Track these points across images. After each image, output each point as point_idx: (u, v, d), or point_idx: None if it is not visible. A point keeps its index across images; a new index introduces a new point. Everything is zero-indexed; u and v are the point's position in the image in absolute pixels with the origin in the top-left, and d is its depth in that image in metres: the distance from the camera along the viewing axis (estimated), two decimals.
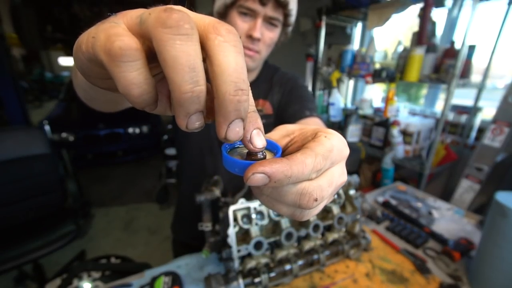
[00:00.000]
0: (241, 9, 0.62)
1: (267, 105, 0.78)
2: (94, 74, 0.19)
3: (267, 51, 0.69)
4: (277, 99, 0.79)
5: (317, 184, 0.20)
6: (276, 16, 0.62)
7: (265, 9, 0.60)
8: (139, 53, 0.15)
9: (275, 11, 0.61)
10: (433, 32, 1.30)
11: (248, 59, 0.66)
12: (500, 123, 1.22)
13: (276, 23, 0.64)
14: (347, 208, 0.75)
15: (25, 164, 1.63)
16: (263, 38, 0.64)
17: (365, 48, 1.81)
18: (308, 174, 0.19)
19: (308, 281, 0.65)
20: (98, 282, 0.80)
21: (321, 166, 0.20)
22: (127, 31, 0.16)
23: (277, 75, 0.81)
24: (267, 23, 0.64)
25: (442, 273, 0.69)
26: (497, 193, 0.60)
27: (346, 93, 2.38)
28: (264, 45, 0.66)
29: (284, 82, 0.79)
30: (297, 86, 0.79)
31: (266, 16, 0.62)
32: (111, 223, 2.63)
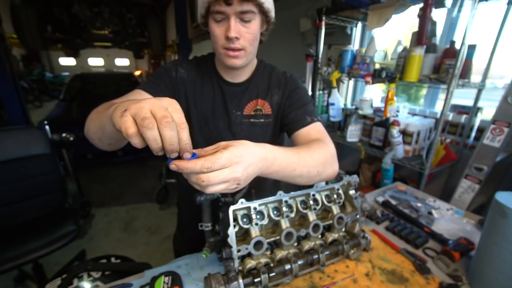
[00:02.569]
0: (214, 15, 0.63)
1: (266, 105, 0.79)
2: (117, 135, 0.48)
3: (252, 46, 0.69)
4: (276, 100, 0.79)
5: (205, 175, 0.40)
6: (246, 9, 0.61)
7: (233, 7, 0.60)
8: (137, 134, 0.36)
9: (243, 5, 0.61)
10: (433, 32, 1.31)
11: (234, 59, 0.67)
12: (499, 123, 1.22)
13: (250, 16, 0.63)
14: (347, 208, 0.75)
15: (25, 164, 1.63)
16: (242, 35, 0.64)
17: (365, 48, 1.81)
18: (199, 169, 0.39)
19: (308, 281, 0.65)
20: (98, 282, 0.80)
21: (208, 166, 0.39)
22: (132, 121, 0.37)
23: (275, 74, 0.81)
24: (241, 20, 0.63)
25: (442, 273, 0.69)
26: (497, 193, 0.60)
27: (346, 93, 2.38)
28: (246, 41, 0.66)
29: (283, 83, 0.79)
30: (297, 89, 0.79)
31: (237, 13, 0.62)
32: (111, 223, 2.63)
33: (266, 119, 0.80)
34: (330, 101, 1.95)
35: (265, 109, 0.79)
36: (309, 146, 0.62)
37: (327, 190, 0.72)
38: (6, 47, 2.56)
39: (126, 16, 3.72)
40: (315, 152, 0.60)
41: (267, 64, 0.84)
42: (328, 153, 0.64)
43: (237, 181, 0.42)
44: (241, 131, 0.79)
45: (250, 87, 0.79)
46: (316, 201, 0.68)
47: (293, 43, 2.79)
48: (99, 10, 3.53)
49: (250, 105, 0.78)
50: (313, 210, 0.68)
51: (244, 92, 0.79)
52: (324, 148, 0.64)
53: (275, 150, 0.52)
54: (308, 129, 0.72)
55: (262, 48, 2.88)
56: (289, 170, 0.54)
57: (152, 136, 0.35)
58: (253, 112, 0.79)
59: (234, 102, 0.78)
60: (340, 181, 0.74)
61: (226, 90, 0.78)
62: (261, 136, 0.81)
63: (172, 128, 0.36)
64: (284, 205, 0.63)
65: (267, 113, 0.79)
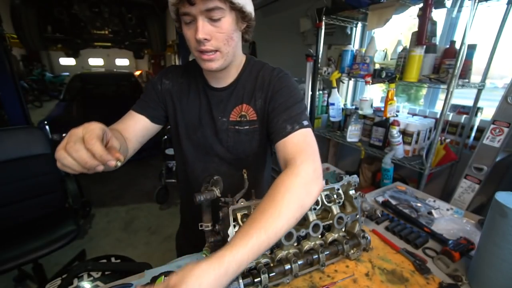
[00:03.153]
0: (183, 18, 0.60)
1: (250, 110, 0.73)
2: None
3: (228, 46, 0.63)
4: (260, 105, 0.72)
5: None
6: (212, 6, 0.56)
7: (197, 6, 0.56)
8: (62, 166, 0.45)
9: (208, 3, 0.55)
10: (432, 32, 1.31)
11: (209, 62, 0.63)
12: (499, 123, 1.22)
13: (218, 14, 0.58)
14: (347, 208, 0.75)
15: (25, 164, 1.63)
16: (212, 35, 0.60)
17: (365, 48, 1.81)
18: None
19: (308, 281, 0.65)
20: (98, 282, 0.80)
21: None
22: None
23: (262, 73, 0.74)
24: (210, 19, 0.58)
25: (441, 273, 0.69)
26: (497, 193, 0.60)
27: (346, 93, 2.38)
28: (218, 42, 0.61)
29: (267, 84, 0.72)
30: (281, 89, 0.69)
31: (203, 12, 0.57)
32: (111, 223, 2.63)
33: (251, 125, 0.74)
34: (330, 101, 1.95)
35: (249, 115, 0.73)
36: (273, 200, 0.50)
37: (327, 190, 0.72)
38: (6, 47, 2.56)
39: (126, 16, 3.72)
40: (283, 205, 0.49)
41: (256, 62, 0.77)
42: (300, 187, 0.52)
43: None
44: (228, 138, 0.76)
45: (235, 91, 0.74)
46: (316, 201, 0.68)
47: (293, 43, 2.79)
48: (99, 10, 3.53)
49: (235, 110, 0.74)
50: (313, 210, 0.68)
51: (230, 97, 0.74)
52: (293, 184, 0.52)
53: (234, 254, 0.42)
54: (286, 142, 0.62)
55: (262, 48, 2.92)
56: (264, 248, 0.46)
57: (69, 162, 0.43)
58: (239, 118, 0.74)
59: (220, 108, 0.75)
60: (340, 181, 0.74)
61: (211, 96, 0.75)
62: (247, 143, 0.76)
63: (77, 150, 0.42)
64: None
65: (251, 119, 0.74)
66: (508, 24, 1.28)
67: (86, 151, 0.42)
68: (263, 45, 3.41)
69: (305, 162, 0.56)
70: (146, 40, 4.39)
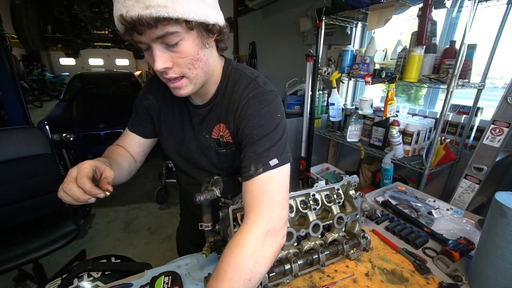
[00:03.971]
0: (139, 45, 0.52)
1: (226, 133, 0.66)
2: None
3: (195, 68, 0.55)
4: (232, 129, 0.65)
5: None
6: (162, 33, 0.48)
7: (147, 35, 0.48)
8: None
9: (157, 30, 0.47)
10: (432, 32, 1.31)
11: (178, 90, 0.57)
12: (499, 123, 1.22)
13: (174, 38, 0.49)
14: (347, 208, 0.75)
15: (25, 164, 1.63)
16: (173, 61, 0.53)
17: (364, 48, 1.81)
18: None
19: (308, 281, 0.65)
20: (98, 282, 0.80)
21: None
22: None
23: (237, 88, 0.63)
24: (165, 45, 0.51)
25: (441, 273, 0.69)
26: (497, 193, 0.61)
27: (346, 93, 2.38)
28: (182, 67, 0.54)
29: (235, 108, 0.62)
30: (248, 117, 0.59)
31: (155, 40, 0.49)
32: (111, 223, 2.63)
33: (227, 148, 0.69)
34: (330, 101, 1.95)
35: (225, 137, 0.67)
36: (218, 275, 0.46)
37: (327, 190, 0.72)
38: (6, 47, 2.56)
39: None
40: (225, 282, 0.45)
41: (233, 72, 0.66)
42: (247, 258, 0.47)
43: None
44: (212, 155, 0.72)
45: (214, 108, 0.68)
46: (316, 201, 0.68)
47: (293, 43, 2.79)
48: (99, 10, 3.52)
49: (216, 129, 0.69)
50: (313, 210, 0.68)
51: (209, 114, 0.69)
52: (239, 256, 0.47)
53: None
54: (246, 187, 0.55)
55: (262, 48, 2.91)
56: None
57: (67, 199, 0.53)
58: (219, 137, 0.69)
59: (202, 126, 0.70)
60: (340, 181, 0.74)
61: (193, 113, 0.71)
62: (229, 163, 0.72)
63: (70, 189, 0.51)
64: None
65: (227, 140, 0.67)
66: (508, 24, 1.28)
67: (78, 189, 0.51)
68: (263, 45, 3.41)
69: (256, 222, 0.50)
70: None
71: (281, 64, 3.09)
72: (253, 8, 3.28)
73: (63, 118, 3.38)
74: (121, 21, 0.46)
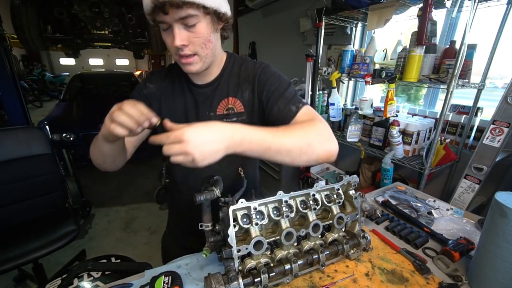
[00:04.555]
0: (160, 25, 0.62)
1: (238, 103, 0.75)
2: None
3: (206, 49, 0.65)
4: (247, 96, 0.75)
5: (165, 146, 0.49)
6: (185, 14, 0.58)
7: (171, 15, 0.58)
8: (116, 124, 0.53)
9: (181, 11, 0.57)
10: (432, 32, 1.31)
11: (189, 66, 0.66)
12: (499, 123, 1.22)
13: (193, 20, 0.60)
14: (347, 208, 0.75)
15: (25, 164, 1.63)
16: (190, 40, 0.62)
17: (364, 48, 1.81)
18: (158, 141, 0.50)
19: (308, 281, 0.65)
20: (98, 282, 0.80)
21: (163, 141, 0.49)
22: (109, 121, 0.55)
23: (245, 67, 0.77)
24: (186, 26, 0.60)
25: (441, 273, 0.69)
26: (497, 193, 0.60)
27: (346, 93, 2.38)
28: (195, 46, 0.63)
29: (252, 77, 0.74)
30: (270, 78, 0.72)
31: (177, 20, 0.59)
32: (111, 223, 2.63)
33: (238, 117, 0.76)
34: (330, 101, 1.95)
35: (236, 107, 0.75)
36: (291, 126, 0.62)
37: (327, 190, 0.72)
38: (6, 47, 2.56)
39: (126, 16, 3.71)
40: (295, 131, 0.59)
41: (238, 58, 0.80)
42: (315, 131, 0.60)
43: (188, 155, 0.48)
44: None
45: (219, 86, 0.76)
46: (316, 201, 0.68)
47: (293, 43, 2.79)
48: (99, 10, 3.52)
49: (222, 104, 0.75)
50: (313, 210, 0.68)
51: (215, 92, 0.76)
52: (309, 127, 0.60)
53: (245, 129, 0.54)
54: (297, 120, 0.67)
55: (262, 48, 2.91)
56: (263, 149, 0.54)
57: (122, 119, 0.52)
58: (226, 111, 0.75)
59: (206, 104, 0.76)
60: (340, 181, 0.74)
61: (196, 93, 0.77)
62: None
63: (131, 107, 0.53)
64: (284, 205, 0.63)
65: (239, 111, 0.75)
66: (508, 24, 1.28)
67: (137, 110, 0.53)
68: (263, 45, 3.41)
69: (322, 122, 0.63)
70: (146, 40, 4.38)
71: (281, 64, 3.09)
72: (253, 8, 3.28)
73: (63, 118, 3.38)
74: (154, 1, 0.56)
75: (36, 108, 8.13)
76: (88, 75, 5.01)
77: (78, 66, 11.61)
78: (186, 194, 0.86)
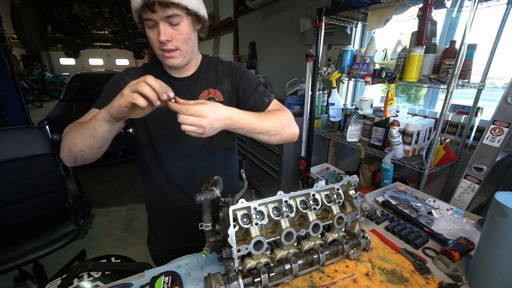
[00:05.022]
0: (146, 22, 0.69)
1: (218, 93, 0.84)
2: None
3: (187, 45, 0.73)
4: (226, 88, 0.85)
5: (181, 115, 0.58)
6: (171, 13, 0.66)
7: (158, 13, 0.65)
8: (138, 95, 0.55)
9: (167, 10, 0.65)
10: (432, 32, 1.31)
11: (171, 59, 0.73)
12: (499, 123, 1.22)
13: (177, 19, 0.67)
14: (347, 208, 0.75)
15: (25, 164, 1.63)
16: (173, 37, 0.69)
17: (364, 48, 1.81)
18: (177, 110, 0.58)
19: (308, 280, 0.65)
20: (98, 282, 0.80)
21: (182, 110, 0.58)
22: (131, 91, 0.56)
23: (220, 65, 0.87)
24: (170, 24, 0.68)
25: (441, 273, 0.69)
26: (497, 193, 0.61)
27: (346, 93, 2.38)
28: (178, 42, 0.71)
29: (229, 71, 0.86)
30: (245, 74, 0.86)
31: (163, 18, 0.66)
32: (111, 223, 2.63)
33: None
34: (330, 101, 1.95)
35: (217, 97, 0.84)
36: (268, 113, 0.79)
37: (327, 190, 0.72)
38: (6, 47, 2.56)
39: (126, 16, 3.71)
40: (273, 116, 0.76)
41: (212, 58, 0.90)
42: (285, 117, 0.78)
43: (202, 128, 0.59)
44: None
45: (199, 78, 0.84)
46: (316, 201, 0.68)
47: (293, 43, 2.79)
48: (99, 10, 3.52)
49: (203, 94, 0.83)
50: (313, 210, 0.68)
51: (195, 84, 0.83)
52: (281, 114, 0.78)
53: (239, 113, 0.68)
54: (269, 109, 0.83)
55: (262, 48, 2.91)
56: (251, 128, 0.70)
57: (147, 89, 0.54)
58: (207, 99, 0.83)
59: (187, 95, 0.80)
60: (340, 181, 0.74)
61: (177, 85, 0.81)
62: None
63: (153, 79, 0.56)
64: (284, 205, 0.63)
65: (219, 100, 0.84)
66: (508, 24, 1.28)
67: (158, 83, 0.56)
68: (263, 45, 3.41)
69: (287, 111, 0.82)
70: (146, 40, 4.39)
71: (281, 64, 3.09)
72: (253, 8, 3.28)
73: (63, 118, 3.38)
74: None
75: (36, 108, 8.13)
76: (88, 75, 5.01)
77: (78, 66, 11.61)
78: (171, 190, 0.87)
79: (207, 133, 0.60)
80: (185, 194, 0.86)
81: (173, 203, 0.89)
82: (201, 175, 0.72)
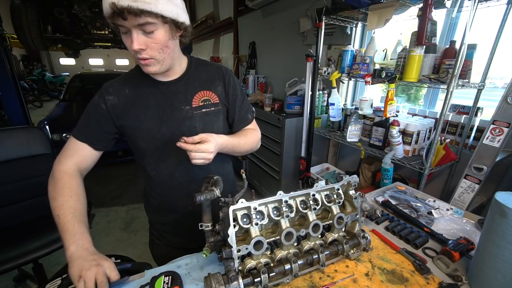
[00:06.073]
0: (120, 28, 0.65)
1: (213, 95, 0.84)
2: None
3: (163, 53, 0.69)
4: (220, 91, 0.86)
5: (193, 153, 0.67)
6: (143, 22, 0.62)
7: (129, 21, 0.61)
8: None
9: (139, 19, 0.61)
10: (432, 32, 1.30)
11: (147, 67, 0.70)
12: (499, 123, 1.22)
13: (151, 27, 0.63)
14: (347, 208, 0.75)
15: (25, 164, 1.63)
16: (147, 45, 0.66)
17: (364, 48, 1.81)
18: (191, 149, 0.66)
19: (308, 280, 0.65)
20: None
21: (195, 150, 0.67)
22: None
23: (209, 67, 0.87)
24: (143, 31, 0.64)
25: (441, 273, 0.69)
26: (497, 193, 0.61)
27: (346, 93, 2.38)
28: (153, 50, 0.67)
29: (222, 75, 0.86)
30: (235, 83, 0.88)
31: (136, 26, 0.62)
32: (111, 223, 2.63)
33: (215, 107, 0.84)
34: (330, 101, 1.95)
35: (212, 99, 0.84)
36: (246, 135, 0.89)
37: (327, 190, 0.72)
38: (6, 47, 2.56)
39: None
40: (249, 139, 0.89)
41: (198, 59, 0.88)
42: (257, 137, 0.93)
43: (208, 160, 0.69)
44: (196, 124, 0.81)
45: (189, 80, 0.82)
46: (316, 201, 0.68)
47: (293, 43, 2.79)
48: (99, 10, 3.53)
49: (197, 97, 0.81)
50: (313, 210, 0.68)
51: (186, 86, 0.81)
52: (254, 135, 0.92)
53: (228, 139, 0.78)
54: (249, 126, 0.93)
55: (262, 48, 2.91)
56: (233, 149, 0.82)
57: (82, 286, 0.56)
58: (202, 102, 0.82)
59: (179, 98, 0.80)
60: (340, 181, 0.74)
61: (165, 89, 0.79)
62: (215, 123, 0.85)
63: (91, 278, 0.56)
64: (284, 205, 0.63)
65: (215, 102, 0.84)
66: (508, 24, 1.28)
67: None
68: (263, 45, 3.41)
69: (258, 131, 0.96)
70: None
71: (281, 64, 3.09)
72: (253, 8, 3.28)
73: (63, 118, 3.38)
74: (112, 7, 0.58)
75: (36, 108, 8.13)
76: (88, 75, 5.01)
77: (78, 66, 11.61)
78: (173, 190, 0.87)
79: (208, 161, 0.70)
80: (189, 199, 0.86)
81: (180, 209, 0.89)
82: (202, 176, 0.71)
